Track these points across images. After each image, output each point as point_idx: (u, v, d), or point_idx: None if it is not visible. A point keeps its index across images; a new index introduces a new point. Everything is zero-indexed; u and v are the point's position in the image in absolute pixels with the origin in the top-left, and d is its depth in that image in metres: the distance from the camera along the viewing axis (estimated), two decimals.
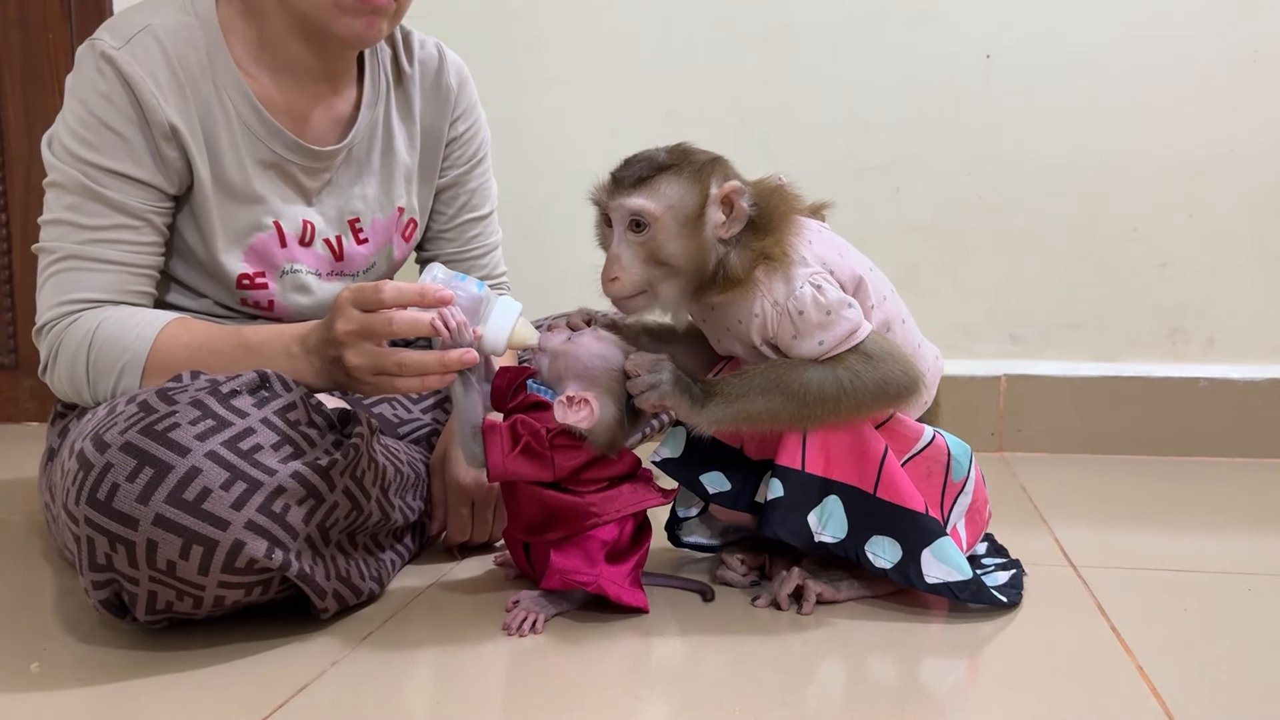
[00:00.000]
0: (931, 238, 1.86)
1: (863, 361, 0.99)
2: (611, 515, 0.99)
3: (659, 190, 0.99)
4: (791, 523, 1.01)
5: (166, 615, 0.92)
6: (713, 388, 1.00)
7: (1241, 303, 1.82)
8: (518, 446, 0.97)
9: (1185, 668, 0.91)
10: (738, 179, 1.02)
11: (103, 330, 1.06)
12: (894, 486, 1.01)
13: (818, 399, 0.99)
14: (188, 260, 1.17)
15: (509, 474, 0.98)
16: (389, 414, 1.31)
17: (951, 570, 1.01)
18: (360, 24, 1.08)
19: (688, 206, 0.99)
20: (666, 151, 1.02)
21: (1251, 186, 1.79)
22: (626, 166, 1.02)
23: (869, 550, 1.01)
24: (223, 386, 0.93)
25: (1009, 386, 1.86)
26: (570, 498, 0.99)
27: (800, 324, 0.99)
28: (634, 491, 1.01)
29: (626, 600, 1.00)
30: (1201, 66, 1.78)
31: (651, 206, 0.99)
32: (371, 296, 0.96)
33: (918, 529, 1.01)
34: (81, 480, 0.86)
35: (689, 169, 1.00)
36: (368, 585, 1.03)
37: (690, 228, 0.99)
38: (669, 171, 1.00)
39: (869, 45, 1.85)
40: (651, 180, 0.99)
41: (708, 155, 1.03)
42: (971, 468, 1.08)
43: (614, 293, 1.01)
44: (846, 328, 0.99)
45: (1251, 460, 1.79)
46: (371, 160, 1.24)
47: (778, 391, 0.99)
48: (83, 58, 1.09)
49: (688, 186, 0.99)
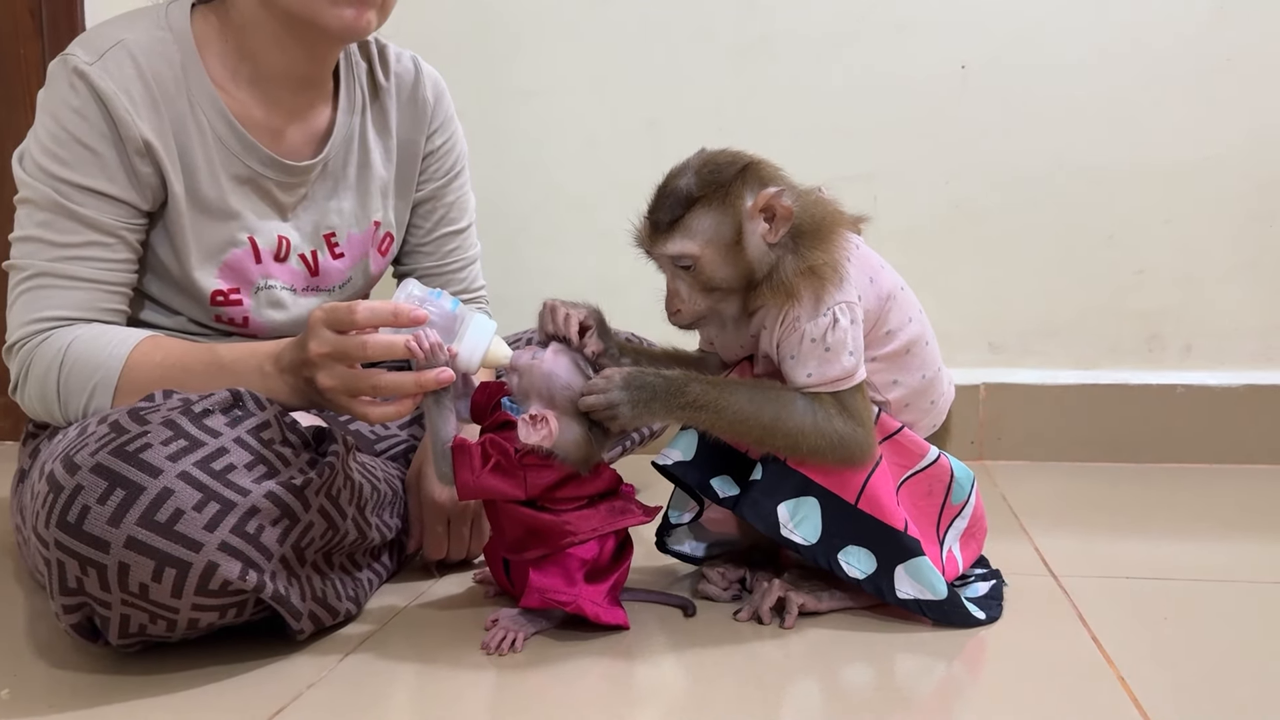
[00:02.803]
0: (910, 247, 1.86)
1: (839, 411, 1.00)
2: (587, 534, 0.98)
3: (692, 228, 0.99)
4: (762, 507, 1.00)
5: (140, 639, 0.91)
6: (685, 386, 0.98)
7: (1218, 309, 1.83)
8: (488, 465, 0.96)
9: (1166, 677, 0.91)
10: (775, 180, 1.01)
11: (74, 349, 1.05)
12: (876, 501, 1.01)
13: (786, 428, 0.98)
14: (162, 277, 1.15)
15: (480, 491, 0.97)
16: (366, 430, 1.30)
17: (924, 589, 1.01)
18: (351, 13, 1.07)
19: (725, 234, 0.99)
20: (694, 175, 0.99)
21: (1227, 193, 1.80)
22: (659, 206, 1.01)
23: (842, 559, 1.01)
24: (195, 406, 0.92)
25: (989, 395, 1.86)
26: (547, 516, 0.98)
27: (803, 348, 0.99)
28: (612, 510, 1.01)
29: (606, 619, 0.99)
30: (1177, 74, 1.79)
31: (690, 248, 0.99)
32: (345, 317, 0.95)
33: (894, 545, 1.01)
34: (52, 503, 0.85)
35: (717, 196, 0.98)
36: (344, 605, 1.02)
37: (734, 251, 0.99)
38: (698, 205, 0.99)
39: (847, 56, 1.86)
40: (683, 220, 0.99)
41: (736, 167, 1.00)
42: (973, 493, 1.08)
43: (679, 323, 1.04)
44: (837, 372, 0.99)
45: (1229, 466, 1.80)
46: (348, 174, 1.23)
47: (755, 406, 0.98)
48: (55, 73, 1.08)
49: (720, 215, 0.99)
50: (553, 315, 1.04)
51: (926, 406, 1.09)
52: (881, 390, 1.05)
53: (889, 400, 1.06)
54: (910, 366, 1.06)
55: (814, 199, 1.03)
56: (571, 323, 1.03)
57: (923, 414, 1.09)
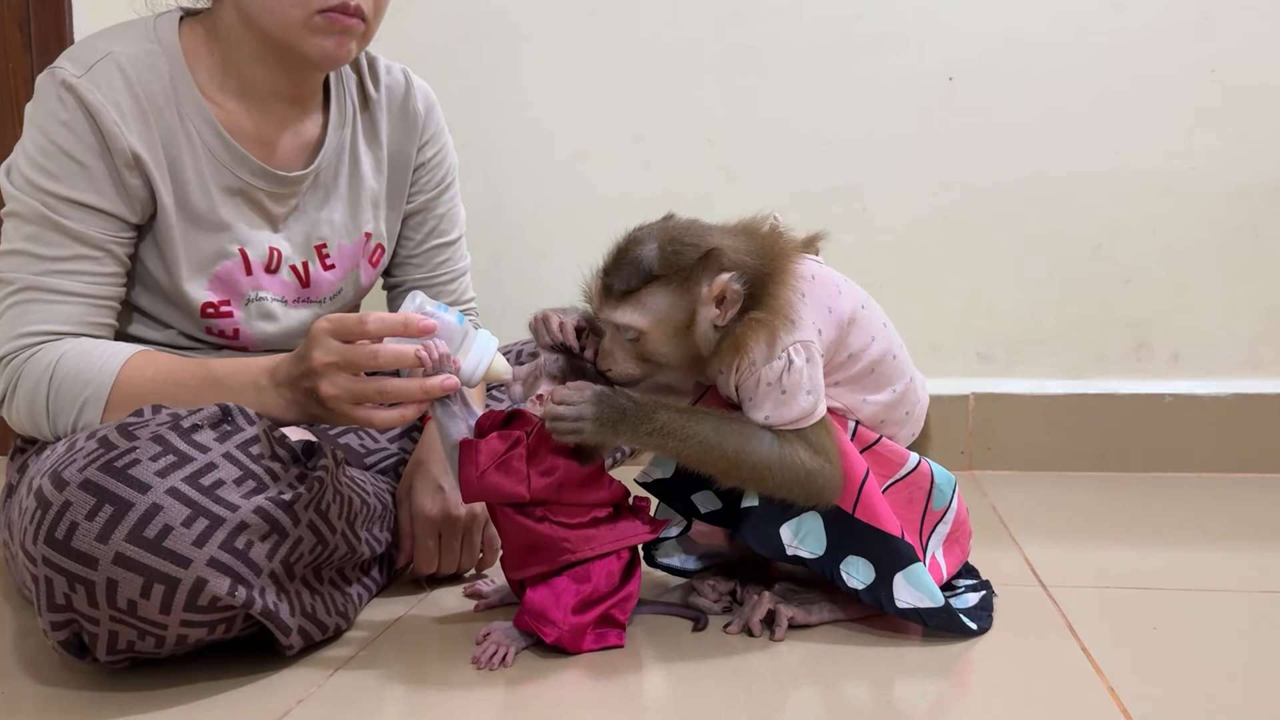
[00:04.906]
0: (898, 258, 1.88)
1: (804, 446, 0.99)
2: (586, 553, 0.98)
3: (646, 304, 0.98)
4: (763, 533, 1.00)
5: (128, 655, 0.90)
6: (654, 414, 0.97)
7: (1205, 318, 1.84)
8: (496, 461, 0.96)
9: (1155, 688, 0.91)
10: (732, 258, 0.97)
11: (64, 363, 1.04)
12: (871, 509, 1.01)
13: (751, 461, 0.98)
14: (151, 290, 1.15)
15: (483, 491, 0.97)
16: (355, 444, 1.30)
17: (923, 596, 1.01)
18: (331, 43, 1.07)
19: (677, 317, 0.98)
20: (658, 251, 0.97)
21: (1213, 202, 1.82)
22: (615, 268, 0.99)
23: (843, 570, 1.01)
24: (184, 421, 0.91)
25: (977, 405, 1.87)
26: (546, 529, 0.98)
27: (759, 391, 0.99)
28: (613, 529, 1.01)
29: (592, 648, 0.99)
30: (1162, 85, 1.81)
31: (639, 322, 0.98)
32: (354, 328, 0.95)
33: (892, 552, 1.01)
34: (39, 519, 0.85)
35: (677, 279, 0.97)
36: (334, 620, 1.02)
37: (681, 333, 0.99)
38: (657, 284, 0.97)
39: (833, 68, 1.87)
40: (638, 294, 0.98)
41: (699, 251, 0.97)
42: (954, 498, 1.08)
43: (612, 377, 1.02)
44: (795, 414, 0.98)
45: (1217, 475, 1.81)
46: (339, 185, 1.23)
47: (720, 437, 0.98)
48: (43, 86, 1.08)
49: (676, 298, 0.98)
50: (547, 326, 1.04)
51: (902, 418, 1.08)
52: (854, 410, 1.05)
53: (862, 418, 1.06)
54: (877, 384, 1.05)
55: (763, 242, 1.01)
56: (568, 330, 1.04)
57: (899, 425, 1.08)
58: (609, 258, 1.01)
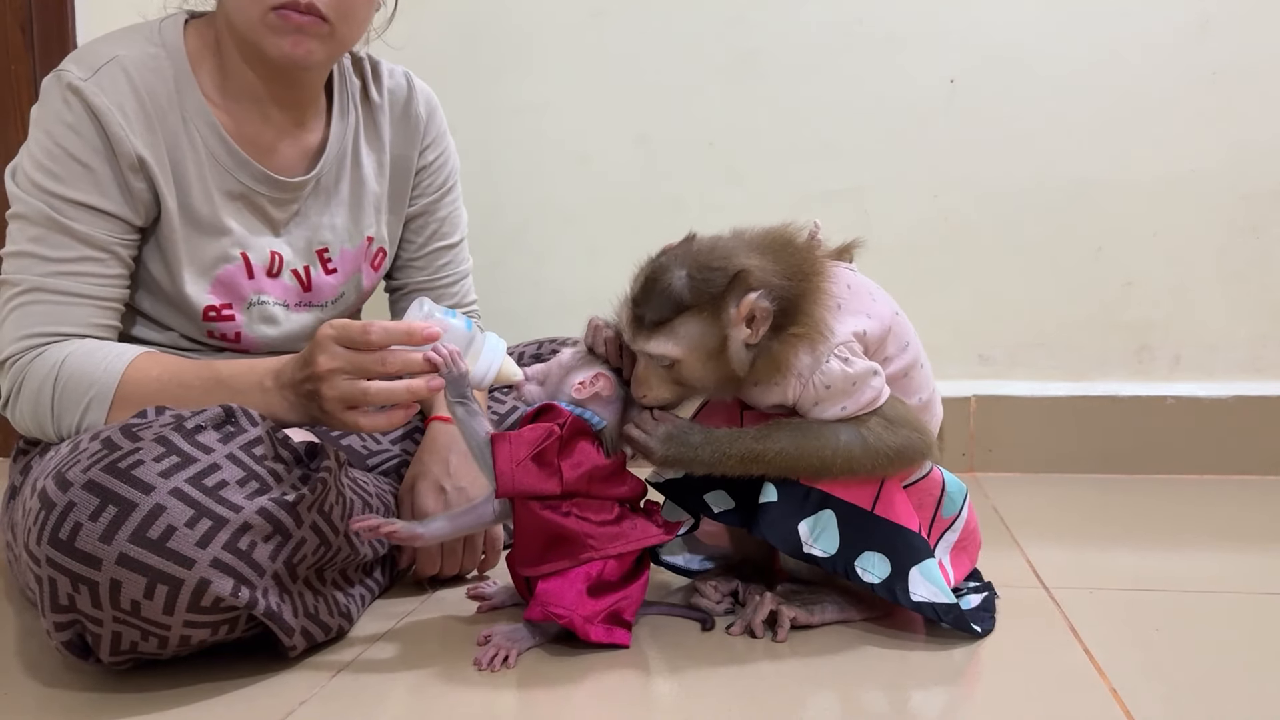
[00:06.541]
0: (899, 260, 1.88)
1: (884, 426, 1.00)
2: (609, 551, 0.99)
3: (679, 334, 0.98)
4: (782, 528, 1.00)
5: (131, 656, 0.90)
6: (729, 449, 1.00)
7: (1206, 320, 1.84)
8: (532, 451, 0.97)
9: (1158, 688, 0.91)
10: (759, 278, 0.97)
11: (69, 364, 1.05)
12: (891, 506, 1.02)
13: (843, 457, 0.99)
14: (153, 293, 1.15)
15: (516, 488, 0.97)
16: (358, 446, 1.30)
17: (938, 591, 1.01)
18: (287, 43, 1.07)
19: (710, 343, 0.98)
20: (687, 280, 0.97)
21: (1214, 204, 1.82)
22: (645, 299, 0.99)
23: (859, 566, 1.01)
24: (187, 422, 0.92)
25: (979, 407, 1.87)
26: (573, 524, 0.98)
27: (824, 394, 0.99)
28: (635, 529, 1.01)
29: (596, 639, 0.99)
30: (1163, 88, 1.81)
31: (673, 351, 0.99)
32: (359, 337, 0.95)
33: (909, 546, 1.01)
34: (43, 520, 0.85)
35: (708, 307, 0.97)
36: (336, 621, 1.02)
37: (715, 357, 0.99)
38: (688, 313, 0.97)
39: (835, 71, 1.87)
40: (671, 324, 0.98)
41: (727, 275, 0.96)
42: (964, 507, 1.09)
43: (646, 404, 1.03)
44: (870, 395, 1.00)
45: (1219, 477, 1.81)
46: (340, 190, 1.23)
47: (800, 449, 0.99)
48: (48, 89, 1.08)
49: (708, 325, 0.98)
50: (595, 334, 1.07)
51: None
52: None
53: None
54: (908, 390, 1.06)
55: (796, 255, 1.01)
56: (611, 350, 1.05)
57: None
58: (637, 287, 1.01)
